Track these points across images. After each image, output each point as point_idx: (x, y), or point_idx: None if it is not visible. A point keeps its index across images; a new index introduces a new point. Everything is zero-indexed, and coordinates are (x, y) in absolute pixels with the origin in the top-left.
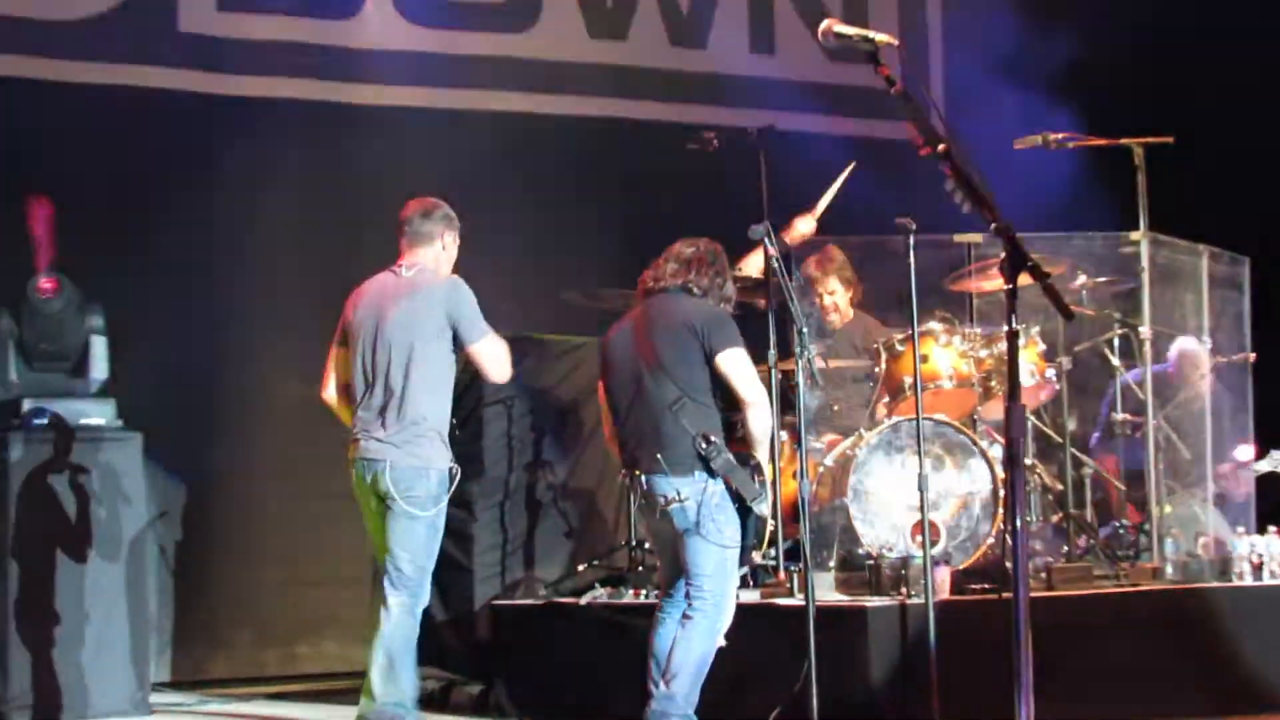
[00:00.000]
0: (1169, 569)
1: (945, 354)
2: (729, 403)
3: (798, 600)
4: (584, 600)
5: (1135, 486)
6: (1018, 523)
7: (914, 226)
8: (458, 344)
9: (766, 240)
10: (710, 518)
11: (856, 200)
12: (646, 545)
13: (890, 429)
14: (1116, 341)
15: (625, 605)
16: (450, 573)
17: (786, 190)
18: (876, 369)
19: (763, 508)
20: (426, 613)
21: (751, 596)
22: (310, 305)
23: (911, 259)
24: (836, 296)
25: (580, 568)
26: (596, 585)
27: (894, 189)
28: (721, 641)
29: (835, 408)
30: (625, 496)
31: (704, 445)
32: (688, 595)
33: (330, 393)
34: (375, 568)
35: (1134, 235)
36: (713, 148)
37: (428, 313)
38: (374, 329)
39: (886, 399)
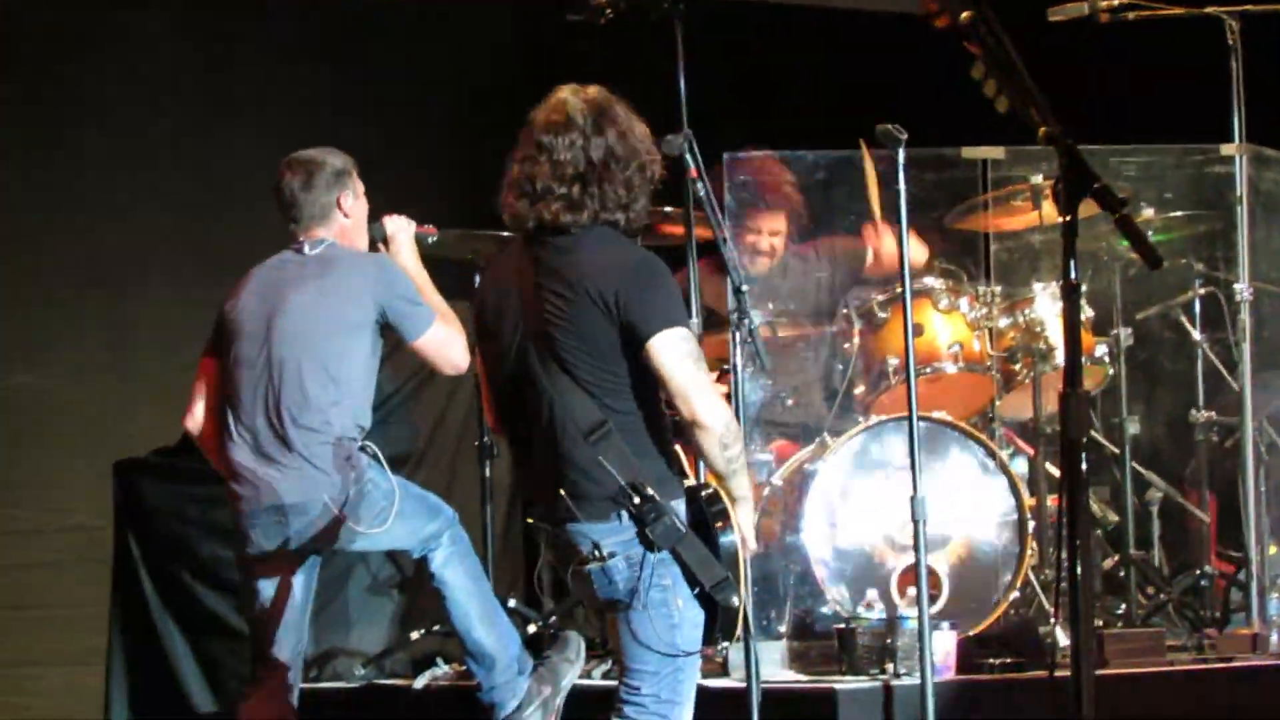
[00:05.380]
0: (1274, 637)
1: (948, 324)
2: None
3: (734, 681)
4: (419, 682)
5: (1226, 518)
6: (1078, 569)
7: (904, 135)
8: (384, 338)
9: (688, 156)
10: (652, 583)
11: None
12: None
13: (866, 433)
14: (1198, 303)
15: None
16: (222, 643)
17: (714, 80)
18: (846, 345)
19: (731, 597)
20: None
21: None
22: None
23: (901, 184)
24: (779, 238)
25: (415, 635)
26: (439, 661)
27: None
28: None
29: (790, 401)
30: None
31: (635, 502)
32: (619, 699)
33: (197, 419)
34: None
35: (1226, 149)
36: (605, 19)
37: (348, 298)
38: (265, 325)
39: (861, 390)
